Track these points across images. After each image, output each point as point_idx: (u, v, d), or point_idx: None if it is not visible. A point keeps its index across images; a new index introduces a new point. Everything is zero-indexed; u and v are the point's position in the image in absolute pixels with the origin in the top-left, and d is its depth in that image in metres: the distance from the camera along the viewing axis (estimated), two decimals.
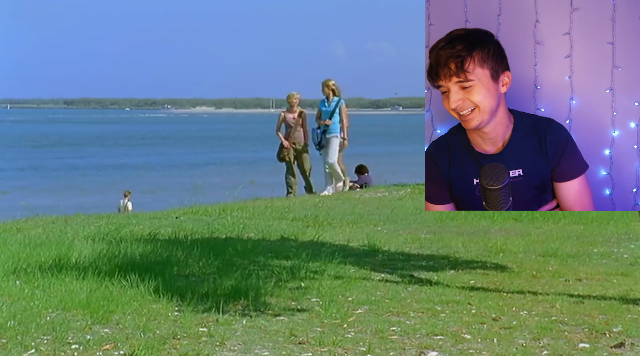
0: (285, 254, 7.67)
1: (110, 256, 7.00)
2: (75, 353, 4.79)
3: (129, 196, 21.02)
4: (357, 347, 4.97)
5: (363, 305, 5.93)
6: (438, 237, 8.88)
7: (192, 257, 7.27)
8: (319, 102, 14.62)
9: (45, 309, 5.55)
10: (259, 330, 5.30)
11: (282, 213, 10.91)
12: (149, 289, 6.04)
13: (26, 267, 6.60)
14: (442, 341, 5.08)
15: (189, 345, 4.96)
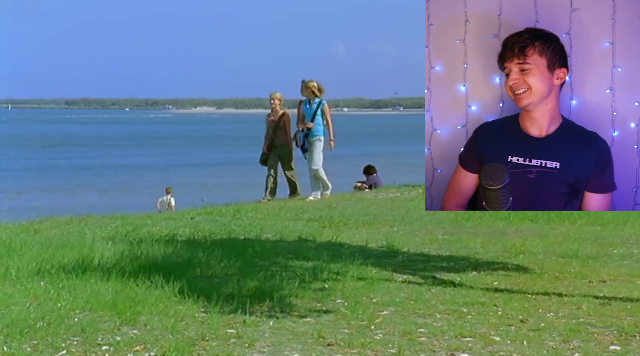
0: (305, 255, 7.68)
1: (132, 257, 7.00)
2: (106, 354, 4.79)
3: (171, 192, 20.50)
4: (387, 349, 4.97)
5: (388, 307, 5.92)
6: (456, 238, 8.88)
7: (213, 257, 7.26)
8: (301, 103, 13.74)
9: (72, 310, 5.55)
10: (286, 331, 5.29)
11: (296, 214, 10.91)
12: (173, 290, 6.03)
13: (49, 268, 6.60)
14: (472, 343, 5.07)
15: (218, 346, 4.96)
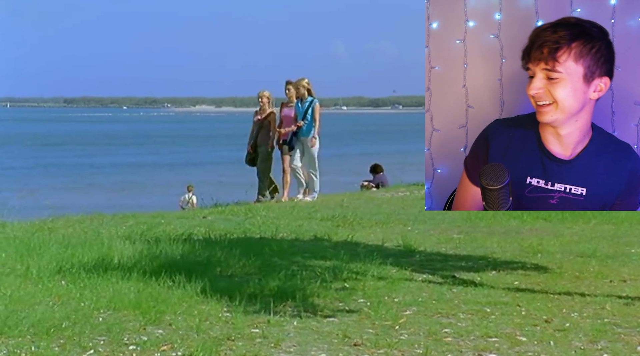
0: (322, 254, 7.67)
1: (152, 256, 6.99)
2: (133, 354, 4.78)
3: (193, 190, 20.26)
4: (413, 349, 4.96)
5: (411, 306, 5.91)
6: (471, 237, 8.87)
7: (232, 257, 7.25)
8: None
9: (96, 309, 5.54)
10: (311, 331, 5.28)
11: (309, 213, 10.90)
12: (195, 289, 6.03)
13: (69, 268, 6.59)
14: (499, 344, 5.06)
15: (244, 346, 4.95)
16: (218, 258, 7.20)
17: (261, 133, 13.36)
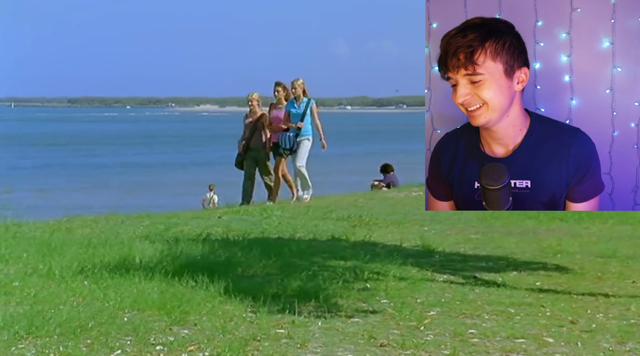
0: (342, 254, 7.66)
1: (173, 256, 6.99)
2: (160, 354, 4.77)
3: (214, 189, 20.18)
4: (440, 350, 4.94)
5: (434, 307, 5.90)
6: (488, 238, 8.86)
7: (252, 257, 7.25)
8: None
9: (120, 310, 5.55)
10: (336, 331, 5.27)
11: (324, 213, 10.89)
12: (219, 290, 6.03)
13: (91, 268, 6.58)
14: (525, 345, 5.04)
15: (271, 346, 4.94)
16: (238, 258, 7.20)
17: (255, 136, 13.15)
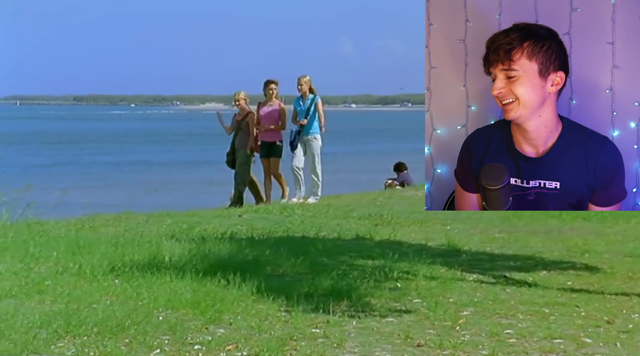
0: (369, 254, 7.65)
1: (202, 255, 6.99)
2: (199, 353, 4.77)
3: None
4: (478, 350, 4.92)
5: (467, 307, 5.88)
6: (514, 237, 8.84)
7: (280, 256, 7.24)
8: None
9: (155, 309, 5.54)
10: (371, 331, 5.26)
11: (345, 212, 10.88)
12: (251, 289, 6.02)
13: (121, 266, 6.59)
14: (564, 345, 5.02)
15: (308, 346, 4.93)
16: (266, 257, 7.19)
17: (239, 136, 12.83)
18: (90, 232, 8.73)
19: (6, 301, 5.69)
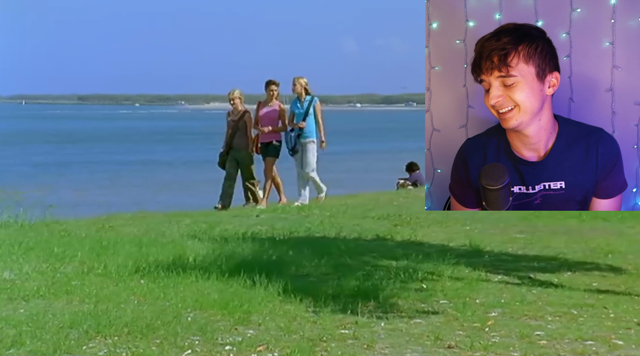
0: (392, 254, 7.63)
1: (226, 255, 6.98)
2: (230, 354, 4.76)
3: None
4: (510, 352, 4.90)
5: (495, 308, 5.85)
6: (535, 238, 8.80)
7: (304, 256, 7.23)
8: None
9: (183, 309, 5.53)
10: (400, 332, 5.24)
11: (362, 211, 10.86)
12: (277, 289, 6.01)
13: (146, 267, 6.58)
14: (596, 347, 4.99)
15: (338, 347, 4.91)
16: (290, 257, 7.18)
17: (238, 136, 12.58)
18: (110, 231, 8.72)
19: (35, 301, 5.70)
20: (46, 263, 6.81)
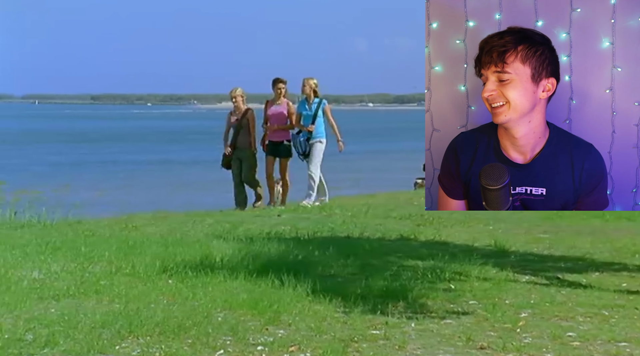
0: (417, 254, 7.61)
1: (253, 255, 6.98)
2: (262, 354, 4.75)
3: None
4: (543, 354, 4.86)
5: (525, 309, 5.82)
6: (559, 238, 8.76)
7: (329, 256, 7.22)
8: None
9: (213, 309, 5.53)
10: (432, 333, 5.22)
11: (384, 211, 10.85)
12: (306, 289, 5.99)
13: (174, 267, 6.58)
14: (630, 349, 4.95)
15: (370, 348, 4.89)
16: (316, 257, 7.18)
17: (241, 135, 12.36)
18: (134, 231, 8.73)
19: (65, 301, 5.71)
20: (74, 262, 6.82)
